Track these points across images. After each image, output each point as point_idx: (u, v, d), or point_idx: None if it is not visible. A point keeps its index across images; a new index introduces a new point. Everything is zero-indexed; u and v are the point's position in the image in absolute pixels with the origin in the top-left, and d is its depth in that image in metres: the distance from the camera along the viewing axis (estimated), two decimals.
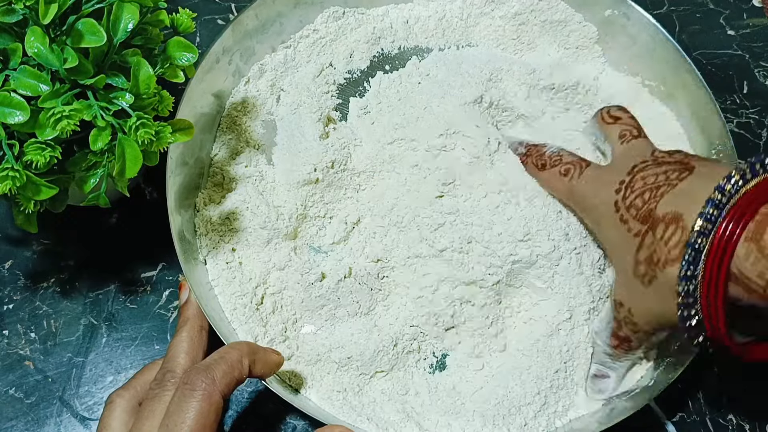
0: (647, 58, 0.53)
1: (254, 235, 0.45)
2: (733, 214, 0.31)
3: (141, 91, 0.37)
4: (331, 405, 0.43)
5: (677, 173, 0.36)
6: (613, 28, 0.53)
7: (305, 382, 0.43)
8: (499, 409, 0.43)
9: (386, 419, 0.42)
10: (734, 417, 0.47)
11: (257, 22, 0.51)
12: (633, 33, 0.53)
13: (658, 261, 0.34)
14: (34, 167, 0.35)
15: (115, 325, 0.48)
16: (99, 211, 0.44)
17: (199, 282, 0.43)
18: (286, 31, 0.53)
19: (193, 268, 0.44)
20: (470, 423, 0.42)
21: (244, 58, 0.51)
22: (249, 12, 0.50)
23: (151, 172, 0.50)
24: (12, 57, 0.37)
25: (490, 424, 0.42)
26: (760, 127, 0.57)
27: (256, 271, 0.45)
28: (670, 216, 0.34)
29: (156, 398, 0.36)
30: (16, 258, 0.49)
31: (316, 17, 0.54)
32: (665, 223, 0.34)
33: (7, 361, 0.46)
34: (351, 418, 0.42)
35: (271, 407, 0.46)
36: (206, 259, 0.45)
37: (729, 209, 0.31)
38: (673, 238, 0.33)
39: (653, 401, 0.47)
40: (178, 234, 0.43)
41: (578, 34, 0.54)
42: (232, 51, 0.50)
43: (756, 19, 0.61)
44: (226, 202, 0.46)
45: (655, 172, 0.37)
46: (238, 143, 0.49)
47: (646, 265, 0.35)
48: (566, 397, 0.44)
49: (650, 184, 0.36)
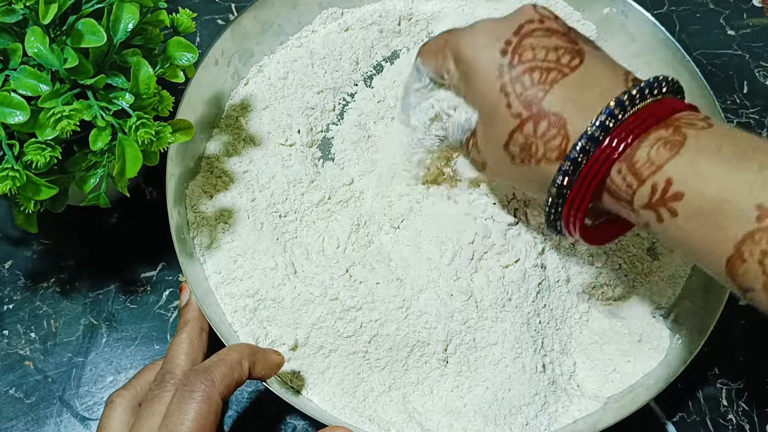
0: (646, 56, 0.53)
1: (254, 235, 0.45)
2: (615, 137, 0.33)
3: (141, 91, 0.37)
4: (333, 406, 0.43)
5: (569, 57, 0.36)
6: (611, 27, 0.53)
7: (306, 383, 0.43)
8: (500, 409, 0.43)
9: (388, 420, 0.42)
10: (734, 417, 0.47)
11: (256, 24, 0.51)
12: (632, 31, 0.53)
13: (534, 155, 0.35)
14: (34, 167, 0.35)
15: (115, 325, 0.48)
16: (99, 211, 0.44)
17: (199, 283, 0.43)
18: (284, 32, 0.53)
19: (193, 268, 0.44)
20: (472, 423, 0.42)
21: (243, 60, 0.51)
22: (248, 14, 0.50)
23: (151, 172, 0.50)
24: (12, 57, 0.37)
25: (492, 424, 0.42)
26: (760, 127, 0.57)
27: (256, 274, 0.44)
28: (555, 118, 0.35)
29: (156, 399, 0.36)
30: (16, 258, 0.49)
31: (315, 18, 0.54)
32: (549, 123, 0.35)
33: (7, 361, 0.46)
34: (353, 419, 0.42)
35: (272, 408, 0.46)
36: (206, 260, 0.45)
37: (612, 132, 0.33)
38: (553, 141, 0.35)
39: (653, 401, 0.47)
40: (177, 234, 0.43)
41: None
42: (231, 53, 0.50)
43: (756, 19, 0.61)
44: (225, 202, 0.46)
45: (546, 45, 0.36)
46: (238, 143, 0.49)
47: (519, 150, 0.36)
48: (565, 397, 0.44)
49: (540, 60, 0.36)
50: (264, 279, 0.44)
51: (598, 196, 0.35)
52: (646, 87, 0.34)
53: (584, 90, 0.35)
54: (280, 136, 0.49)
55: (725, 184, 0.30)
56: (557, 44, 0.36)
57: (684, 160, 0.31)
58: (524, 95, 0.36)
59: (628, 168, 0.33)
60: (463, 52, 0.38)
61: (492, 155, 0.39)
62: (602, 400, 0.44)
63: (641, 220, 0.34)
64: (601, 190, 0.35)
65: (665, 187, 0.32)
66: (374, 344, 0.43)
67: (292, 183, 0.47)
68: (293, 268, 0.45)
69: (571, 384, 0.45)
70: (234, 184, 0.47)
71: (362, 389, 0.43)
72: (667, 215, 0.32)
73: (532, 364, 0.44)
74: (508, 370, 0.43)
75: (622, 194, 0.34)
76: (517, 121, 0.36)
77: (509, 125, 0.36)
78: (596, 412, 0.44)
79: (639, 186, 0.33)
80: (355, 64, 0.53)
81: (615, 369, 0.45)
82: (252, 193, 0.47)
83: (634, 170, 0.33)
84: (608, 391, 0.45)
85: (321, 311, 0.43)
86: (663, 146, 0.32)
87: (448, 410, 0.43)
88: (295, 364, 0.43)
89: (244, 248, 0.45)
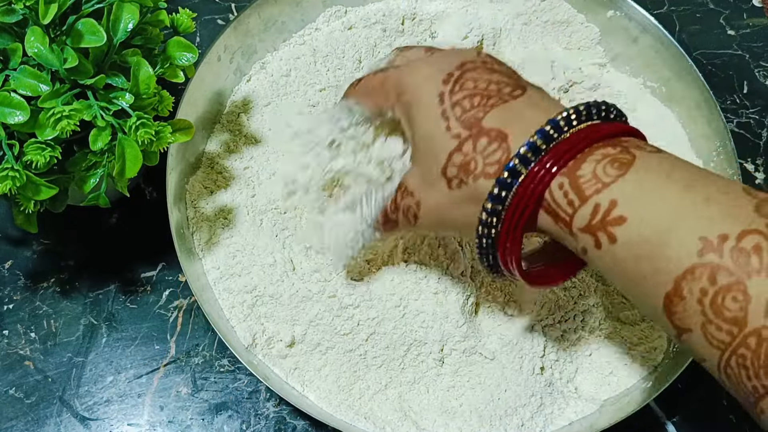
0: (649, 59, 0.53)
1: (253, 231, 0.45)
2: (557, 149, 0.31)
3: (141, 91, 0.37)
4: (329, 403, 0.43)
5: (510, 89, 0.35)
6: (615, 30, 0.53)
7: (303, 380, 0.43)
8: (496, 409, 0.43)
9: (384, 418, 0.43)
10: (734, 417, 0.47)
11: (259, 21, 0.51)
12: (635, 35, 0.53)
13: (473, 171, 0.34)
14: (34, 167, 0.35)
15: (115, 325, 0.48)
16: (99, 211, 0.44)
17: (197, 278, 0.44)
18: (287, 29, 0.53)
19: (192, 265, 0.44)
20: (467, 423, 0.42)
21: (245, 57, 0.51)
22: (251, 11, 0.50)
23: (151, 172, 0.50)
24: (12, 57, 0.37)
25: (487, 425, 0.42)
26: (760, 127, 0.57)
27: (255, 270, 0.45)
28: (495, 132, 0.33)
29: None
30: (16, 258, 0.49)
31: (318, 16, 0.54)
32: (489, 138, 0.33)
33: (7, 361, 0.46)
34: (348, 416, 0.42)
35: (271, 408, 0.46)
36: (205, 256, 0.45)
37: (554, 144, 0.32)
38: (494, 155, 0.33)
39: (653, 401, 0.47)
40: (177, 232, 0.43)
41: (580, 34, 0.54)
42: (234, 49, 0.50)
43: (756, 19, 0.61)
44: (225, 198, 0.46)
45: (488, 79, 0.36)
46: (239, 141, 0.49)
47: (458, 170, 0.34)
48: (562, 399, 0.44)
49: (481, 89, 0.35)
50: (262, 275, 0.44)
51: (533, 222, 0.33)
52: (594, 106, 0.33)
53: (526, 111, 0.34)
54: (281, 133, 0.49)
55: (671, 213, 0.29)
56: (499, 79, 0.36)
57: (631, 182, 0.30)
58: (464, 116, 0.34)
59: (571, 183, 0.31)
60: (405, 83, 0.38)
61: (427, 188, 0.37)
62: (599, 403, 0.44)
63: (578, 245, 0.31)
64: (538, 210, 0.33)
65: (608, 209, 0.30)
66: (371, 342, 0.43)
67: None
68: (292, 264, 0.45)
69: (568, 387, 0.45)
70: (234, 180, 0.47)
71: (358, 387, 0.43)
72: (605, 241, 0.30)
73: (530, 366, 0.44)
74: (504, 371, 0.43)
75: (562, 213, 0.31)
76: (456, 141, 0.34)
77: (448, 147, 0.35)
78: (592, 414, 0.44)
79: (581, 205, 0.31)
80: (358, 63, 0.53)
81: (612, 372, 0.45)
82: (252, 189, 0.47)
83: (577, 186, 0.31)
84: (605, 394, 0.45)
85: (318, 308, 0.43)
86: (610, 164, 0.30)
87: (444, 410, 0.43)
88: (292, 361, 0.43)
89: (243, 244, 0.45)
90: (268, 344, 0.43)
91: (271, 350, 0.44)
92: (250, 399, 0.46)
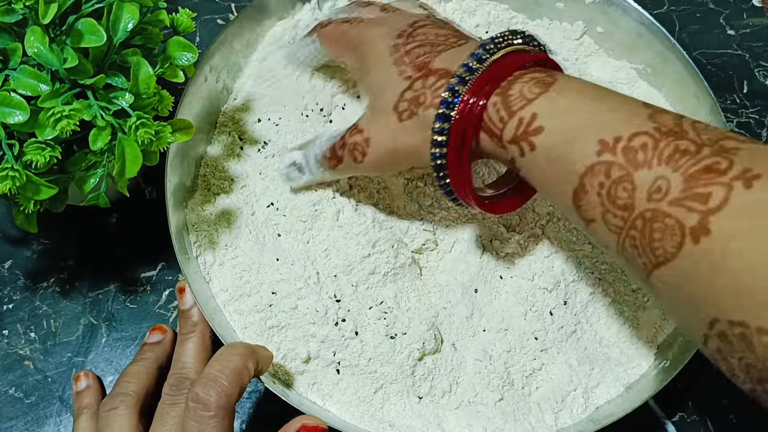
0: (646, 57, 0.52)
1: (252, 236, 0.45)
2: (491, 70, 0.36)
3: (141, 91, 0.37)
4: (351, 415, 0.42)
5: (455, 39, 0.40)
6: (596, 18, 0.53)
7: (322, 395, 0.43)
8: (519, 405, 0.43)
9: (408, 425, 0.42)
10: (734, 417, 0.47)
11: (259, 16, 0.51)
12: (634, 32, 0.52)
13: (422, 102, 0.37)
14: (34, 167, 0.35)
15: (115, 325, 0.48)
16: (99, 211, 0.44)
17: (198, 283, 0.43)
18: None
19: (192, 267, 0.44)
20: (491, 421, 0.42)
21: (246, 57, 0.51)
22: (250, 10, 0.50)
23: (151, 172, 0.50)
24: (12, 57, 0.37)
25: (512, 420, 0.42)
26: (760, 127, 0.57)
27: (263, 289, 0.44)
28: (442, 71, 0.38)
29: (176, 405, 0.38)
30: (16, 258, 0.49)
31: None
32: (437, 75, 0.38)
33: (7, 361, 0.46)
34: (372, 426, 0.42)
35: (274, 409, 0.46)
36: (204, 259, 0.45)
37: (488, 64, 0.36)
38: (441, 90, 0.37)
39: (653, 401, 0.47)
40: (176, 233, 0.43)
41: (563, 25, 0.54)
42: (233, 46, 0.50)
43: (756, 19, 0.61)
44: (224, 202, 0.46)
45: (436, 32, 0.40)
46: (238, 142, 0.49)
47: (408, 103, 0.38)
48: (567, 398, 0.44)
49: (431, 40, 0.40)
50: (271, 294, 0.44)
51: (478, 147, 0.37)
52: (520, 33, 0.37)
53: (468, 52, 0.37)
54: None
55: (578, 121, 0.33)
56: (446, 32, 0.40)
57: (549, 98, 0.34)
58: (415, 62, 0.39)
59: (502, 101, 0.35)
60: (362, 37, 0.42)
61: (377, 123, 0.40)
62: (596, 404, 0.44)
63: (508, 155, 0.36)
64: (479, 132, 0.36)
65: (529, 121, 0.34)
66: (387, 356, 0.43)
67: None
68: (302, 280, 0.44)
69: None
70: (234, 183, 0.47)
71: (379, 396, 0.43)
72: (527, 149, 0.34)
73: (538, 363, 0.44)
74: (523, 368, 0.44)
75: (495, 129, 0.36)
76: (407, 82, 0.38)
77: (400, 87, 0.39)
78: (593, 414, 0.44)
79: (508, 120, 0.35)
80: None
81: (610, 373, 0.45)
82: (251, 207, 0.46)
83: (506, 103, 0.35)
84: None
85: (329, 328, 0.43)
86: (535, 84, 0.35)
87: (467, 411, 0.43)
88: (309, 376, 0.43)
89: (248, 264, 0.44)
90: (284, 361, 0.43)
91: (288, 367, 0.43)
92: (250, 399, 0.46)
